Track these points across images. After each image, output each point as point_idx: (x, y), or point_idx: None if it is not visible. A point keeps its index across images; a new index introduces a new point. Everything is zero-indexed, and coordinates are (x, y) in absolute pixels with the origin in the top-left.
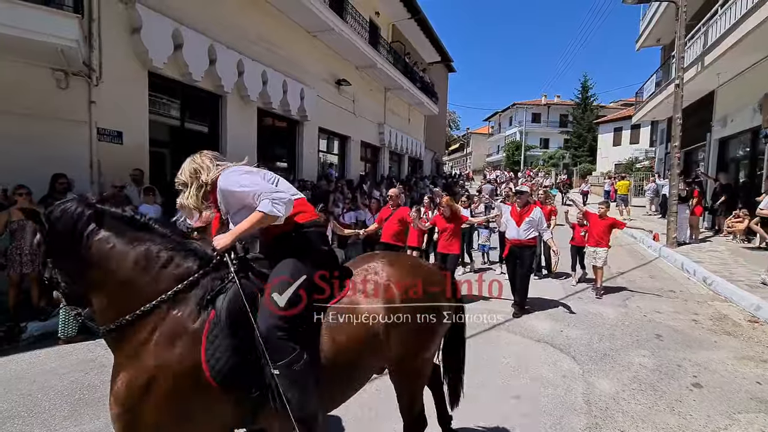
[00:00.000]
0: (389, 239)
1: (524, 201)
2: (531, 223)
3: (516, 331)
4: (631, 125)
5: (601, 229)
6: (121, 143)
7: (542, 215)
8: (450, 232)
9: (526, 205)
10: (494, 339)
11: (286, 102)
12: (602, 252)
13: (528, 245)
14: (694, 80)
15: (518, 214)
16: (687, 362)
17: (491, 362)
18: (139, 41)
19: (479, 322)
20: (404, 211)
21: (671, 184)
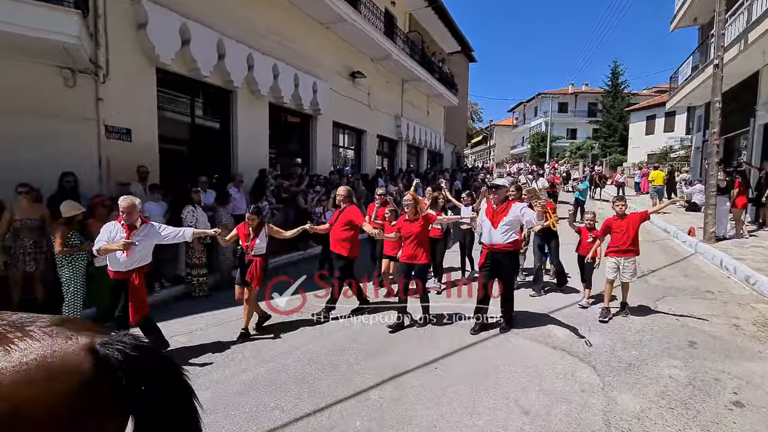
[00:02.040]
0: (336, 247)
1: (502, 197)
2: (510, 223)
3: (529, 336)
4: (665, 112)
5: (627, 232)
6: (130, 140)
7: (528, 212)
8: (415, 237)
9: (504, 201)
10: (504, 344)
11: (298, 96)
12: (629, 262)
13: (507, 251)
14: (736, 60)
15: (494, 213)
16: (726, 375)
17: (499, 371)
18: (145, 37)
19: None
20: (352, 213)
21: (710, 174)
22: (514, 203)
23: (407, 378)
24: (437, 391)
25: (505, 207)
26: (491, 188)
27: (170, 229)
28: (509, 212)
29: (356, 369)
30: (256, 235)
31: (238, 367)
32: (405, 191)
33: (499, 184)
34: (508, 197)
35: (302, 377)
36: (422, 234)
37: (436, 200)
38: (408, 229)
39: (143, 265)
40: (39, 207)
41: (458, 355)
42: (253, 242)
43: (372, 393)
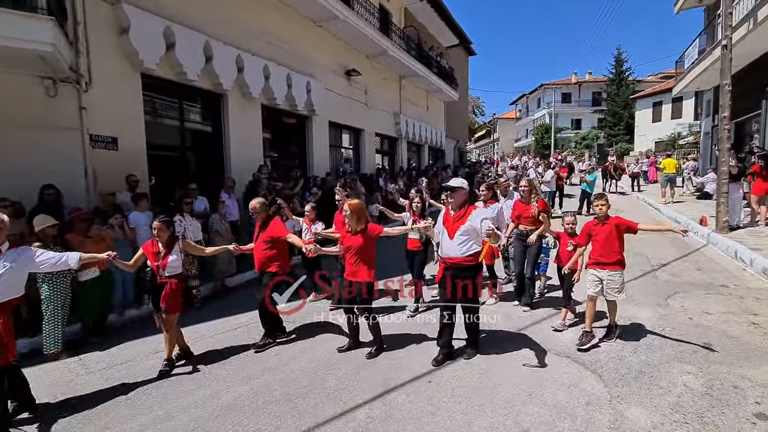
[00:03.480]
0: (260, 266)
1: (459, 201)
2: (468, 232)
3: (532, 341)
4: (672, 98)
5: (609, 239)
6: (117, 149)
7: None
8: (356, 250)
9: (462, 206)
10: (504, 350)
11: (292, 96)
12: (616, 276)
13: (466, 266)
14: (745, 40)
15: (451, 219)
16: (746, 382)
17: (497, 381)
18: (128, 42)
19: (486, 328)
20: (274, 227)
21: (721, 160)
22: (474, 209)
23: (397, 394)
24: (429, 408)
25: (464, 213)
26: (446, 189)
27: (49, 255)
28: (467, 219)
29: (344, 384)
30: (168, 251)
31: (221, 385)
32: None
33: (454, 185)
34: (467, 201)
35: (287, 396)
36: (365, 248)
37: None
38: (348, 242)
39: (8, 299)
40: (17, 221)
41: (452, 366)
42: (165, 261)
43: (359, 412)
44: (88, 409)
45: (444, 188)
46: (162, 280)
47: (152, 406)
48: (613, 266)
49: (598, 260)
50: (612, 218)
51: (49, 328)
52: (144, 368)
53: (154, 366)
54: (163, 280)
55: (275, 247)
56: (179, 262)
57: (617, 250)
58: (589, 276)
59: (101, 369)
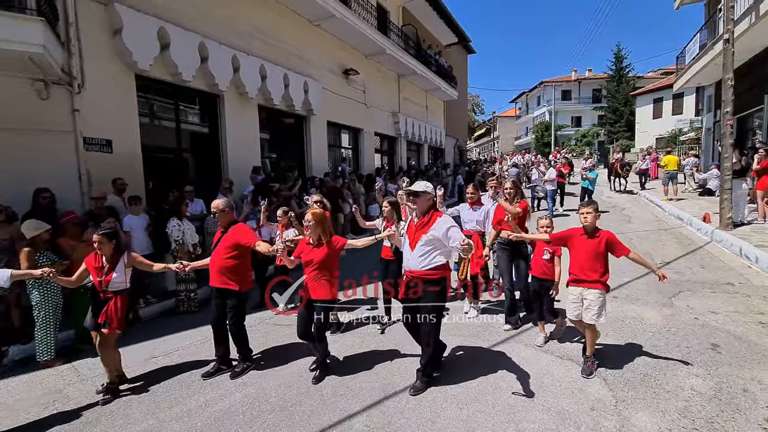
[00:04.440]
0: (217, 281)
1: (423, 207)
2: (432, 242)
3: (533, 344)
4: (672, 94)
5: (590, 253)
6: (111, 152)
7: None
8: (318, 265)
9: (427, 213)
10: (504, 353)
11: (289, 96)
12: (594, 296)
13: (428, 280)
14: (747, 34)
15: (414, 228)
16: (755, 385)
17: (497, 386)
18: (121, 43)
19: (486, 330)
20: (238, 233)
21: (724, 156)
22: (439, 216)
23: (396, 400)
24: (429, 414)
25: (427, 221)
26: (409, 194)
27: None
28: (430, 228)
29: (341, 391)
30: (112, 266)
31: (216, 393)
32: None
33: (417, 189)
34: (432, 207)
35: (282, 404)
36: (328, 262)
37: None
38: (309, 255)
39: None
40: (9, 226)
41: (453, 370)
42: (108, 277)
43: (357, 420)
44: (77, 419)
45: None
46: (105, 297)
47: (145, 416)
48: (594, 284)
49: (579, 276)
50: (603, 233)
51: (42, 334)
52: (138, 375)
53: (149, 372)
54: (107, 296)
55: (238, 257)
56: (124, 278)
57: (603, 269)
58: (570, 295)
59: (94, 376)
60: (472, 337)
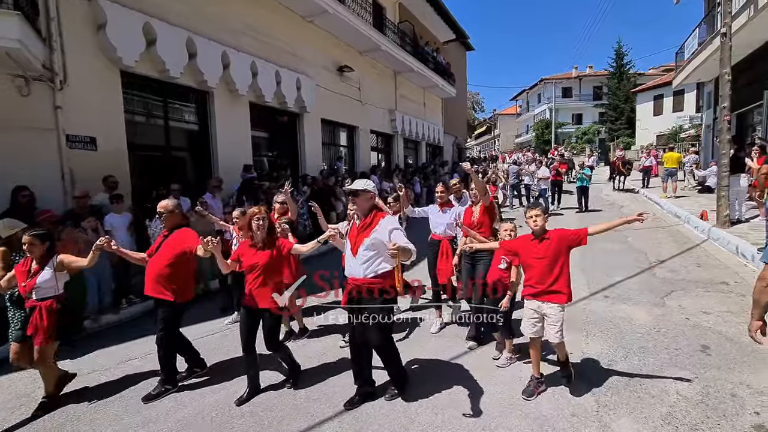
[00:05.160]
0: (151, 289)
1: (364, 208)
2: (374, 246)
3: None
4: (673, 91)
5: (543, 259)
6: (96, 149)
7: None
8: (262, 269)
9: (369, 214)
10: (483, 355)
11: (281, 94)
12: (554, 310)
13: (372, 289)
14: (745, 29)
15: (356, 230)
16: (744, 390)
17: (474, 390)
18: (105, 39)
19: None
20: (183, 238)
21: (721, 152)
22: (382, 217)
23: (369, 406)
24: (403, 420)
25: (369, 222)
26: (348, 194)
27: None
28: (373, 231)
29: (315, 396)
30: (41, 268)
31: (186, 397)
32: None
33: (357, 188)
34: (374, 207)
35: (252, 409)
36: (273, 266)
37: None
38: (252, 258)
39: None
40: None
41: (428, 376)
42: (33, 281)
43: (327, 426)
44: (41, 424)
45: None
46: (31, 304)
47: (111, 421)
48: (552, 296)
49: (536, 288)
50: (553, 233)
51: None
52: (111, 378)
53: (122, 375)
54: (33, 304)
55: (177, 265)
56: (54, 282)
57: (560, 275)
58: (527, 310)
59: None
60: (448, 342)
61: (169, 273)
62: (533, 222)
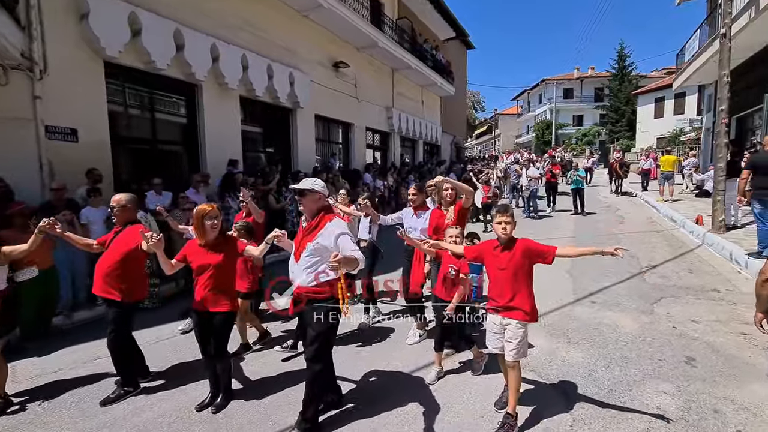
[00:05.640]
0: (99, 288)
1: (311, 208)
2: (319, 252)
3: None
4: (674, 94)
5: (506, 270)
6: (76, 141)
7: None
8: (212, 272)
9: (316, 216)
10: (457, 364)
11: (273, 88)
12: (514, 327)
13: (316, 298)
14: (746, 31)
15: (301, 233)
16: (728, 405)
17: (445, 401)
18: (88, 28)
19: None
20: (133, 233)
21: (718, 156)
22: (329, 219)
23: (335, 413)
24: (367, 430)
25: (316, 225)
26: (294, 193)
27: None
28: (318, 234)
29: (278, 402)
30: None
31: (146, 401)
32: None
33: (304, 187)
34: (323, 209)
35: (212, 415)
36: (226, 268)
37: None
38: (202, 258)
39: None
40: None
41: (397, 384)
42: None
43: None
44: None
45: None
46: None
47: (64, 426)
48: (513, 312)
49: (498, 301)
50: (519, 242)
51: None
52: (77, 377)
53: (86, 374)
54: None
55: (125, 263)
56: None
57: (519, 291)
58: (489, 324)
59: (31, 377)
60: (421, 350)
61: (118, 271)
62: (501, 229)
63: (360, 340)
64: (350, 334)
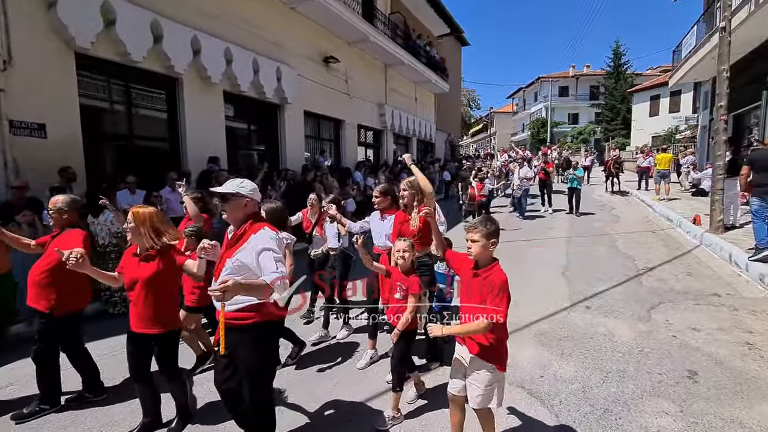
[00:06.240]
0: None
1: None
2: (239, 270)
3: None
4: (670, 91)
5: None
6: (45, 137)
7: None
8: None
9: (242, 225)
10: (442, 379)
11: (259, 83)
12: (480, 371)
13: (239, 326)
14: (746, 24)
15: (225, 246)
16: (735, 427)
17: (426, 422)
18: (56, 17)
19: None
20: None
21: (716, 154)
22: (255, 231)
23: None
24: None
25: (239, 237)
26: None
27: None
28: (239, 249)
29: None
30: None
31: (60, 422)
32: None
33: (226, 190)
34: (251, 217)
35: None
36: (160, 281)
37: None
38: (133, 272)
39: None
40: None
41: (377, 399)
42: None
43: None
44: None
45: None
46: None
47: None
48: (478, 352)
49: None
50: (495, 274)
51: None
52: (32, 391)
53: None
54: None
55: (55, 272)
56: None
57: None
58: (455, 356)
59: None
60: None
61: (48, 280)
62: (467, 245)
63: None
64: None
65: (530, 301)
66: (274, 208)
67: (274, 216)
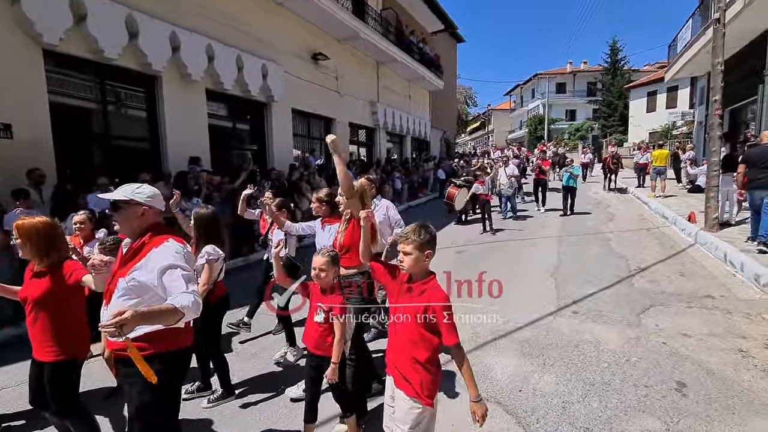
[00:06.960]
0: None
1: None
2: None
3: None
4: (666, 87)
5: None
6: (10, 137)
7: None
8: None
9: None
10: None
11: (244, 81)
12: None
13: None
14: (741, 17)
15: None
16: None
17: None
18: (20, 12)
19: None
20: None
21: (711, 149)
22: (157, 245)
23: None
24: None
25: (135, 253)
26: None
27: None
28: (136, 265)
29: None
30: None
31: None
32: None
33: (118, 197)
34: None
35: None
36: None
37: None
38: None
39: None
40: None
41: None
42: None
43: None
44: None
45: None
46: None
47: None
48: (401, 383)
49: (391, 359)
50: (431, 290)
51: None
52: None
53: (8, 402)
54: None
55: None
56: None
57: (424, 353)
58: (387, 386)
59: None
60: None
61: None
62: (399, 258)
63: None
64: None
65: (516, 305)
66: (205, 213)
67: (205, 223)
